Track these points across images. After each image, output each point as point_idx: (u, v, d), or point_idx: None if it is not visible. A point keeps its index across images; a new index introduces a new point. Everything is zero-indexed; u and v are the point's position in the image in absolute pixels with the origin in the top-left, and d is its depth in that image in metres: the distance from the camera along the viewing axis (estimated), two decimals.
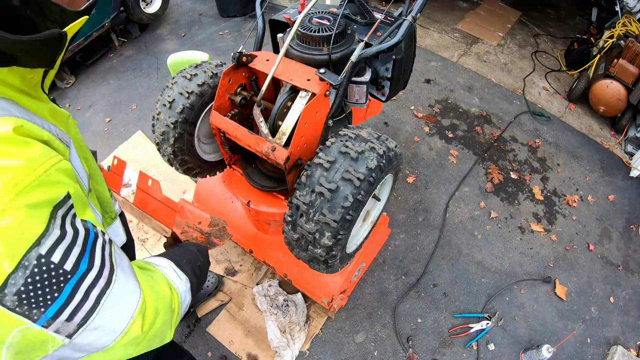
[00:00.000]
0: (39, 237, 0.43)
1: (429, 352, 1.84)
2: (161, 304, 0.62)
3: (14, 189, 0.41)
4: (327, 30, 1.19)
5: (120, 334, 0.54)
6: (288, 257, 1.59)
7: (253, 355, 1.76)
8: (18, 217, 0.41)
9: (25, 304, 0.42)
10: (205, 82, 1.30)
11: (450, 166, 2.65)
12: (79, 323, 0.48)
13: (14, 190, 0.41)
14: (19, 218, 0.41)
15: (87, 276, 0.48)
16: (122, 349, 0.56)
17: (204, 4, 4.22)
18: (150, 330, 0.59)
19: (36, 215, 0.43)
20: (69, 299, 0.46)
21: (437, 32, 3.95)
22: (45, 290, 0.44)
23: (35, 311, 0.43)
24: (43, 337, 0.46)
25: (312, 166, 1.02)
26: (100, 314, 0.50)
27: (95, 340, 0.52)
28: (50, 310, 0.45)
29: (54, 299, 0.45)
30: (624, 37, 3.13)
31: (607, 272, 2.28)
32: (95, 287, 0.49)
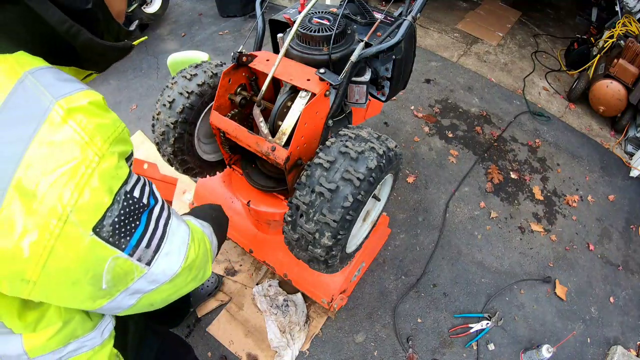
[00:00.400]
0: (126, 177, 0.53)
1: (429, 352, 1.84)
2: (198, 236, 0.73)
3: (108, 141, 0.51)
4: (327, 30, 1.18)
5: (183, 258, 0.65)
6: (288, 257, 1.60)
7: (253, 355, 1.76)
8: (112, 162, 0.51)
9: (116, 234, 0.51)
10: (205, 82, 1.30)
11: (450, 166, 2.65)
12: (154, 249, 0.58)
13: (108, 141, 0.51)
14: (113, 162, 0.51)
15: (155, 208, 0.59)
16: (183, 276, 0.66)
17: (204, 4, 4.22)
18: (197, 258, 0.69)
19: (123, 161, 0.54)
20: (145, 228, 0.56)
21: (437, 32, 3.95)
22: (129, 220, 0.53)
23: (122, 240, 0.52)
24: (129, 266, 0.55)
25: (312, 166, 1.02)
26: (168, 241, 0.61)
27: (166, 267, 0.61)
28: (133, 239, 0.54)
29: (135, 228, 0.54)
30: (624, 37, 3.13)
31: (607, 272, 2.28)
32: (162, 218, 0.60)
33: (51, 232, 0.45)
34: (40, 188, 0.44)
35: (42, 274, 0.47)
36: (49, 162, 0.45)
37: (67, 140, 0.47)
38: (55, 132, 0.46)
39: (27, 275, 0.46)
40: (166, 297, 0.67)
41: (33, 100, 0.46)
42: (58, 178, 0.45)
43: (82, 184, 0.47)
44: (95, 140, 0.49)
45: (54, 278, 0.48)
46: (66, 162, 0.46)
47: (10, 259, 0.45)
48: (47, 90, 0.48)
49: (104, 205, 0.49)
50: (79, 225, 0.47)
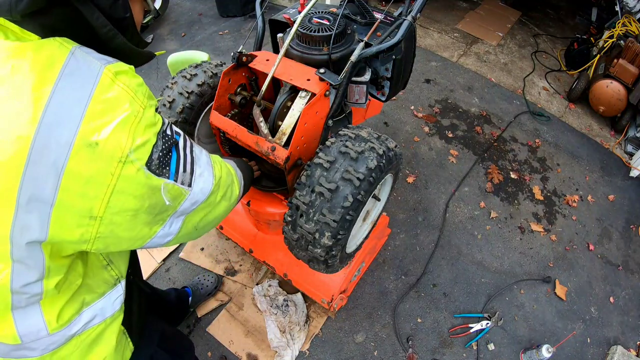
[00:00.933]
0: (162, 122, 0.63)
1: (429, 352, 1.84)
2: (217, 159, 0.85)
3: (146, 95, 0.60)
4: (327, 30, 1.18)
5: (214, 178, 0.76)
6: (288, 257, 1.60)
7: (253, 355, 1.76)
8: (152, 111, 0.61)
9: (161, 166, 0.61)
10: (205, 82, 1.30)
11: (450, 166, 2.65)
12: (190, 172, 0.69)
13: (146, 95, 0.60)
14: (152, 111, 0.61)
15: (180, 141, 0.68)
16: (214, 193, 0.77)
17: (204, 4, 4.22)
18: (222, 176, 0.81)
19: (155, 112, 0.63)
20: (178, 156, 0.66)
21: (437, 32, 3.95)
22: (166, 152, 0.63)
23: (165, 169, 0.62)
24: (177, 190, 0.66)
25: (312, 166, 1.02)
26: (198, 164, 0.72)
27: (203, 186, 0.73)
28: (172, 167, 0.64)
29: (170, 157, 0.64)
30: (624, 37, 3.13)
31: (607, 272, 2.28)
32: (187, 147, 0.70)
33: (113, 172, 0.54)
34: (102, 137, 0.53)
35: (107, 209, 0.56)
36: (106, 115, 0.54)
37: (118, 96, 0.56)
38: (107, 90, 0.55)
39: (94, 212, 0.55)
40: (204, 217, 0.79)
41: (86, 67, 0.55)
42: (115, 127, 0.54)
43: (133, 130, 0.56)
44: (139, 95, 0.58)
45: (116, 212, 0.57)
46: (120, 114, 0.55)
47: (80, 198, 0.53)
48: (95, 58, 0.57)
49: (151, 144, 0.59)
50: (136, 163, 0.57)
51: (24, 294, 0.58)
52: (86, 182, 0.53)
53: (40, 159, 0.50)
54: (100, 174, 0.54)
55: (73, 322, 0.69)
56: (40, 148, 0.50)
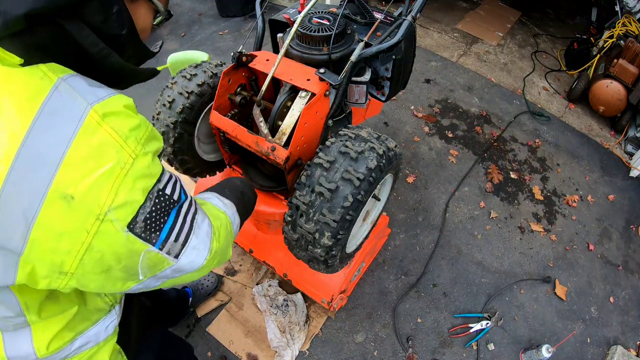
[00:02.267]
0: (159, 175, 0.56)
1: (429, 352, 1.84)
2: (220, 224, 0.76)
3: (141, 142, 0.54)
4: (327, 30, 1.18)
5: (208, 251, 0.68)
6: (288, 257, 1.59)
7: (253, 355, 1.76)
8: (146, 161, 0.54)
9: (148, 229, 0.55)
10: (205, 82, 1.30)
11: (450, 166, 2.65)
12: (182, 243, 0.61)
13: (141, 142, 0.53)
14: (146, 162, 0.54)
15: (184, 204, 0.62)
16: (208, 266, 0.70)
17: (203, 3, 4.22)
18: (220, 247, 0.73)
19: (155, 160, 0.56)
20: (174, 223, 0.59)
21: (437, 32, 3.95)
22: (159, 215, 0.56)
23: (153, 235, 0.56)
24: (159, 259, 0.59)
25: (312, 166, 1.02)
26: (194, 235, 0.64)
27: (193, 260, 0.65)
28: (162, 233, 0.57)
29: (164, 223, 0.57)
30: (624, 37, 3.13)
31: (607, 272, 2.28)
32: (189, 213, 0.63)
33: (89, 230, 0.49)
34: (79, 189, 0.47)
35: (79, 267, 0.51)
36: (87, 165, 0.48)
37: (103, 143, 0.50)
38: (91, 136, 0.49)
39: (65, 267, 0.51)
40: (191, 279, 0.72)
41: (69, 105, 0.49)
42: (96, 180, 0.48)
43: (117, 185, 0.50)
44: (129, 142, 0.52)
45: (89, 269, 0.53)
46: (103, 164, 0.49)
47: (50, 254, 0.49)
48: (81, 96, 0.50)
49: (137, 203, 0.52)
50: (115, 223, 0.51)
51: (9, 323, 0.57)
52: (58, 237, 0.48)
53: (9, 206, 0.45)
54: (75, 230, 0.49)
55: (64, 349, 0.68)
56: (10, 193, 0.45)
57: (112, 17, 0.56)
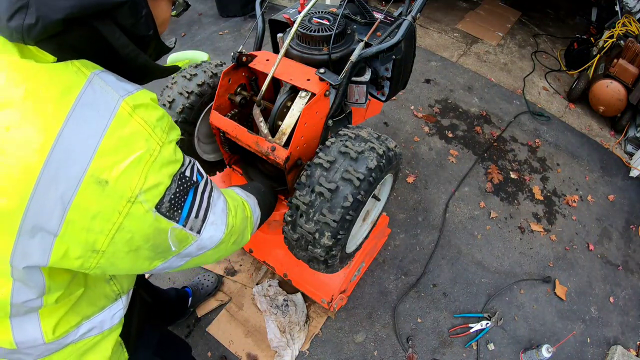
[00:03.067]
0: (182, 160, 0.61)
1: (429, 352, 1.84)
2: (236, 205, 0.81)
3: (165, 130, 0.58)
4: (326, 30, 1.18)
5: (225, 226, 0.73)
6: (288, 257, 1.59)
7: (253, 355, 1.76)
8: (171, 149, 0.58)
9: (172, 208, 0.59)
10: (205, 82, 1.30)
11: (450, 166, 2.65)
12: (202, 218, 0.66)
13: (165, 131, 0.58)
14: (171, 149, 0.58)
15: (200, 184, 0.66)
16: (225, 242, 0.75)
17: (204, 3, 4.22)
18: (236, 224, 0.78)
19: (177, 147, 0.61)
20: (193, 201, 0.63)
21: (437, 32, 3.95)
22: (182, 195, 0.61)
23: (176, 213, 0.60)
24: (184, 235, 0.63)
25: (312, 166, 1.02)
26: (212, 211, 0.69)
27: (213, 234, 0.70)
28: (184, 211, 0.62)
29: (185, 201, 0.62)
30: (624, 37, 3.13)
31: (607, 272, 2.28)
32: (206, 192, 0.68)
33: (120, 211, 0.53)
34: (113, 175, 0.51)
35: (110, 245, 0.55)
36: (120, 153, 0.52)
37: (134, 133, 0.54)
38: (124, 126, 0.53)
39: (97, 246, 0.54)
40: (211, 260, 0.77)
41: (102, 98, 0.53)
42: (128, 166, 0.52)
43: (147, 170, 0.54)
44: (157, 132, 0.56)
45: (119, 247, 0.56)
46: (134, 151, 0.53)
47: (85, 232, 0.52)
48: (114, 89, 0.54)
49: (165, 185, 0.57)
50: (145, 205, 0.55)
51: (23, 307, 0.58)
52: (92, 218, 0.52)
53: (48, 190, 0.49)
54: (108, 211, 0.52)
55: (70, 333, 0.69)
56: (48, 179, 0.48)
57: (142, 20, 0.59)
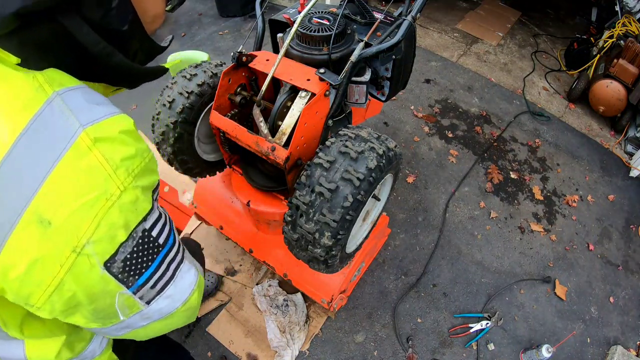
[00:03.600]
0: (146, 214, 0.52)
1: (429, 352, 1.84)
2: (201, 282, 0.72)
3: (132, 174, 0.49)
4: (327, 30, 1.18)
5: (182, 303, 0.63)
6: (288, 257, 1.59)
7: (253, 355, 1.76)
8: (134, 196, 0.49)
9: (126, 271, 0.50)
10: (205, 82, 1.30)
11: (450, 166, 2.65)
12: (158, 290, 0.57)
13: (132, 174, 0.49)
14: (134, 197, 0.49)
15: (171, 251, 0.58)
16: (178, 317, 0.65)
17: (203, 3, 4.22)
18: (195, 302, 0.68)
19: (146, 195, 0.52)
20: (156, 269, 0.55)
21: (437, 32, 3.95)
22: (143, 259, 0.52)
23: (131, 278, 0.51)
24: (130, 302, 0.54)
25: (312, 166, 1.02)
26: (174, 284, 0.60)
27: (164, 307, 0.60)
28: (142, 278, 0.53)
29: (147, 268, 0.53)
30: (624, 37, 3.13)
31: (607, 272, 2.28)
32: (174, 261, 0.59)
33: (63, 263, 0.44)
34: (58, 216, 0.43)
35: (47, 302, 0.46)
36: (70, 191, 0.44)
37: (91, 170, 0.46)
38: (79, 160, 0.45)
39: (32, 301, 0.46)
40: (152, 333, 0.65)
41: (60, 124, 0.45)
42: (77, 208, 0.44)
43: (100, 217, 0.46)
44: (120, 173, 0.48)
45: (57, 305, 0.48)
46: (87, 192, 0.45)
47: (18, 283, 0.44)
48: (75, 116, 0.46)
49: (118, 240, 0.48)
50: (92, 258, 0.46)
51: None
52: (29, 265, 0.43)
53: None
54: (47, 260, 0.44)
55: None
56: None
57: (112, 12, 0.51)
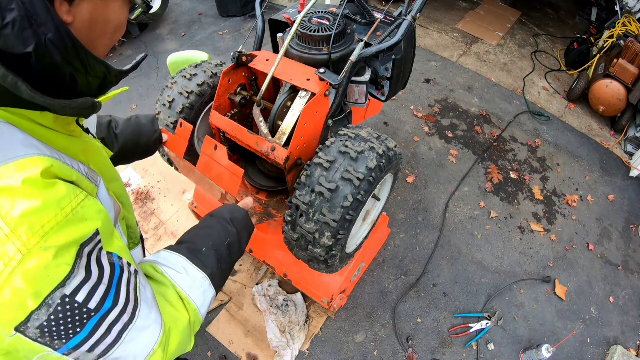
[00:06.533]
0: (64, 279, 0.43)
1: (429, 352, 1.84)
2: (179, 329, 0.62)
3: (39, 233, 0.41)
4: (326, 30, 1.18)
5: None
6: (288, 257, 1.59)
7: (253, 355, 1.76)
8: (44, 260, 0.41)
9: (47, 336, 0.44)
10: (205, 82, 1.30)
11: (450, 166, 2.65)
12: (99, 354, 0.49)
13: (39, 233, 0.41)
14: (45, 260, 0.41)
15: (111, 313, 0.49)
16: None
17: (203, 3, 4.22)
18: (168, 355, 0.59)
19: (63, 257, 0.43)
20: (91, 334, 0.47)
21: (437, 32, 3.95)
22: (68, 326, 0.45)
23: (57, 342, 0.45)
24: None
25: (312, 166, 1.02)
26: (122, 347, 0.51)
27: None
28: (71, 343, 0.46)
29: (75, 334, 0.46)
30: (624, 37, 3.13)
31: (607, 272, 2.28)
32: (118, 323, 0.50)
33: None
34: None
35: None
36: None
37: None
38: None
39: None
40: None
41: None
42: None
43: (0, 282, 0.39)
44: (19, 233, 0.40)
45: None
46: None
47: None
48: None
49: (27, 308, 0.41)
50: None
51: None
52: None
53: None
54: None
55: None
56: None
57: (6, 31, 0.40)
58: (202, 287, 0.70)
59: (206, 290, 0.71)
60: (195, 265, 0.70)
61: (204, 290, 0.70)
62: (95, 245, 0.48)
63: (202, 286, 0.70)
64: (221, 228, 0.80)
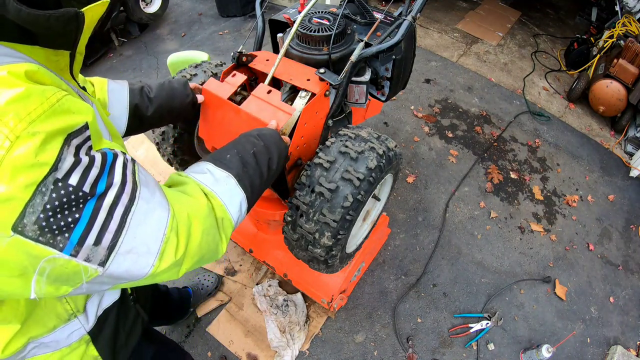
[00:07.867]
0: (54, 161, 0.42)
1: (429, 352, 1.84)
2: (194, 214, 0.59)
3: (27, 119, 0.40)
4: (326, 30, 1.18)
5: (156, 256, 0.52)
6: (288, 257, 1.60)
7: (253, 355, 1.76)
8: (32, 145, 0.40)
9: (47, 231, 0.41)
10: (205, 82, 1.30)
11: (450, 166, 2.65)
12: (108, 246, 0.47)
13: (27, 118, 0.40)
14: (33, 146, 0.40)
15: (108, 194, 0.47)
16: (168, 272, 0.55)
17: (203, 3, 4.22)
18: (190, 245, 0.56)
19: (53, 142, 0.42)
20: (91, 220, 0.45)
21: (437, 32, 3.95)
22: (65, 213, 0.42)
23: (59, 238, 0.43)
24: (74, 267, 0.45)
25: (312, 166, 1.02)
26: (129, 234, 0.48)
27: (131, 266, 0.50)
28: (74, 235, 0.44)
29: (76, 222, 0.43)
30: (624, 37, 3.13)
31: (607, 272, 2.28)
32: (118, 205, 0.48)
33: None
34: None
35: None
36: None
37: None
38: None
39: None
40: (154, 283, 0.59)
41: None
42: None
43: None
44: (6, 120, 0.39)
45: None
46: None
47: None
48: None
49: (20, 200, 0.39)
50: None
51: None
52: None
53: None
54: None
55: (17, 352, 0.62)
56: None
57: None
58: (227, 184, 0.69)
59: (232, 189, 0.69)
60: (218, 167, 0.71)
61: (229, 189, 0.69)
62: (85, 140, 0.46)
63: (227, 184, 0.69)
64: (246, 140, 0.80)
